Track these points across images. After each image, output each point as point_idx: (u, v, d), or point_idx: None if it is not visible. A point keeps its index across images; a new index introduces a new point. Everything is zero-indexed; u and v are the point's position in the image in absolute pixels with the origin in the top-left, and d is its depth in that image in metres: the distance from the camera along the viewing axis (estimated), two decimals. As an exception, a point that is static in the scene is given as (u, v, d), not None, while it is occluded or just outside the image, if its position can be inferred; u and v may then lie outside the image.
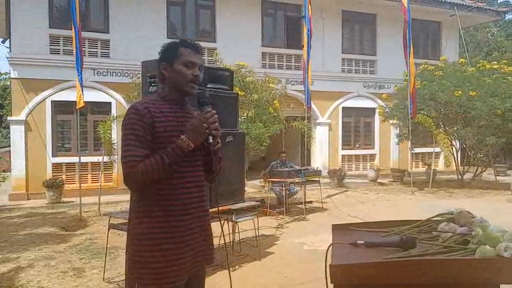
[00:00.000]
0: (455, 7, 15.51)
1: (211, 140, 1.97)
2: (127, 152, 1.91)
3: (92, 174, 11.92)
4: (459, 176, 13.38)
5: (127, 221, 4.62)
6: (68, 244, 6.39)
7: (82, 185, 9.28)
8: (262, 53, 14.03)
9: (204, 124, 1.93)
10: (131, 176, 1.89)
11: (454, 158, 13.21)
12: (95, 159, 11.67)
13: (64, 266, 5.25)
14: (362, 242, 1.59)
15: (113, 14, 12.28)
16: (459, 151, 13.72)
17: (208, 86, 5.15)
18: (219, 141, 2.03)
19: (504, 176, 15.31)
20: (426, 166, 15.44)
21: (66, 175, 11.68)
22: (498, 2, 25.69)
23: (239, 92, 6.82)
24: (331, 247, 1.61)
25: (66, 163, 11.77)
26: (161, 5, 12.82)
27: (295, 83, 13.81)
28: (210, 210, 2.20)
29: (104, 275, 4.81)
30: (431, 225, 1.75)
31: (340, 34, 15.07)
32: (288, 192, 8.70)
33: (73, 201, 10.42)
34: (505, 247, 1.47)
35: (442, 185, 12.88)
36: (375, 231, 1.80)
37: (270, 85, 8.66)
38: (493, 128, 11.63)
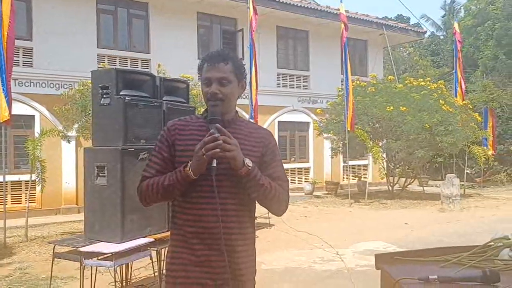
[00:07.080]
0: (383, 27, 16.41)
1: (214, 164, 1.70)
2: (144, 167, 1.90)
3: (12, 194, 10.78)
4: (390, 188, 13.96)
5: (73, 249, 4.17)
6: (-6, 277, 5.58)
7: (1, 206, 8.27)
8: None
9: (202, 150, 1.68)
10: (139, 191, 1.87)
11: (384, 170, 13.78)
12: (15, 178, 10.67)
13: (-5, 305, 4.54)
14: (435, 277, 1.40)
15: (36, 20, 11.29)
16: (385, 164, 14.34)
17: (163, 98, 4.79)
18: (249, 165, 1.73)
19: (427, 186, 16.25)
20: (357, 178, 15.99)
21: (-19, 196, 10.42)
22: (411, 23, 27.63)
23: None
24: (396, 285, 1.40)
25: (-19, 182, 10.52)
26: (90, 13, 12.03)
27: (232, 97, 13.63)
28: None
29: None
30: (487, 251, 1.62)
31: (275, 49, 15.22)
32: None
33: (-11, 226, 9.31)
34: None
35: (375, 196, 13.33)
36: (428, 261, 1.63)
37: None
38: (421, 142, 12.28)
